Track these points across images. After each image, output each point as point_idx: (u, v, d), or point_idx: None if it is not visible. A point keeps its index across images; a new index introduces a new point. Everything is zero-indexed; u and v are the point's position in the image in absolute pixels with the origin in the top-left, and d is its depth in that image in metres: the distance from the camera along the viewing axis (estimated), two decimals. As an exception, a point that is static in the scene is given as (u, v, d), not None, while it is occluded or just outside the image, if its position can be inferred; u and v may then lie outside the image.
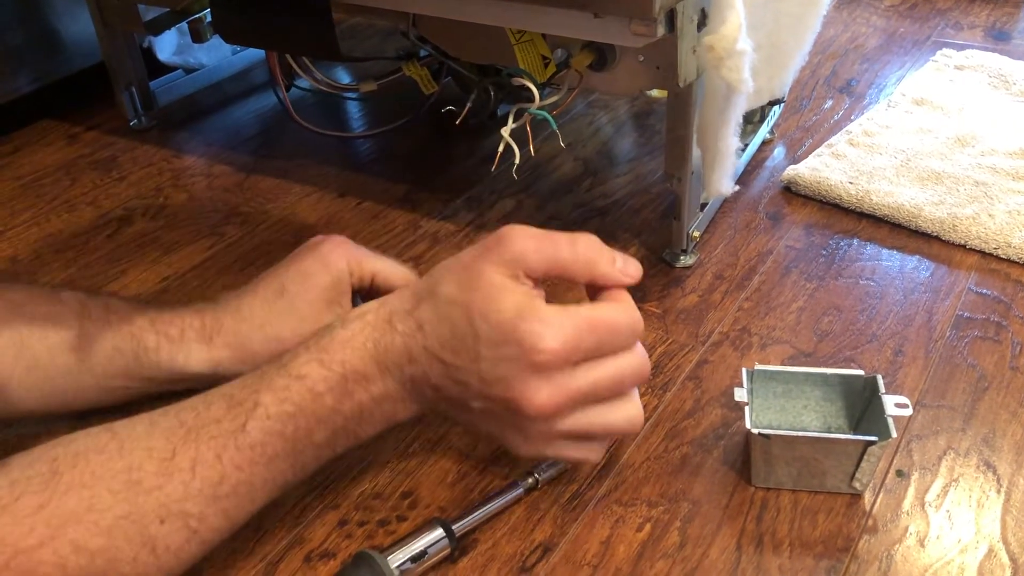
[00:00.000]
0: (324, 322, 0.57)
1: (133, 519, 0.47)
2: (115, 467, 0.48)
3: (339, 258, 0.63)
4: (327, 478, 0.61)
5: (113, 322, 0.63)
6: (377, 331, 0.53)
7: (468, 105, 0.79)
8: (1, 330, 0.61)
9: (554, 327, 0.50)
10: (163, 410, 0.52)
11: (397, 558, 0.53)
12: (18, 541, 0.45)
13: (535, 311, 0.51)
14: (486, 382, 0.52)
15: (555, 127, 0.69)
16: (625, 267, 0.55)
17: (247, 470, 0.50)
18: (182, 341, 0.62)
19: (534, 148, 0.99)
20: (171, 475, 0.48)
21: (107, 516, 0.47)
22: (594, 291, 0.56)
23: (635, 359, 0.54)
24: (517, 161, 0.73)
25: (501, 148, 0.72)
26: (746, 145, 0.92)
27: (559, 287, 0.73)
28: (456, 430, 0.64)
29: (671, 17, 0.63)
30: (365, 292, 0.65)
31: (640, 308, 0.75)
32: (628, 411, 0.54)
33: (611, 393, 0.53)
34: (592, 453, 0.56)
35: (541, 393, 0.51)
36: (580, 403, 0.53)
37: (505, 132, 0.71)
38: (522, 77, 0.72)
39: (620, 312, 0.53)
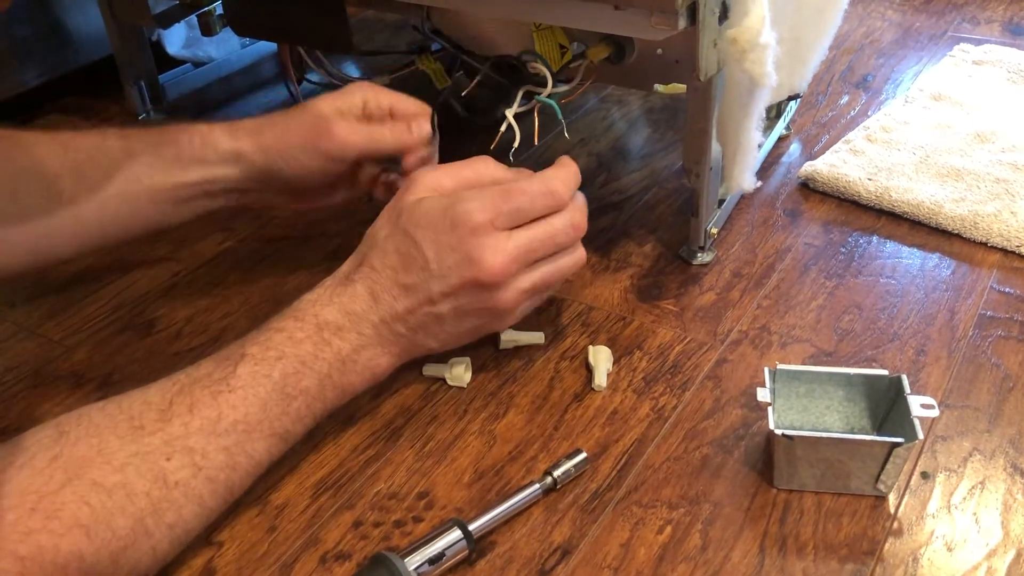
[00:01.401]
0: (330, 126, 0.68)
1: (142, 456, 0.51)
2: (117, 419, 0.52)
3: (355, 89, 0.71)
4: (342, 476, 0.60)
5: (153, 135, 0.70)
6: (338, 287, 0.60)
7: (474, 82, 0.77)
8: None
9: (475, 200, 0.59)
10: (154, 382, 0.56)
11: (414, 560, 0.52)
12: (41, 487, 0.48)
13: (454, 199, 0.60)
14: (443, 276, 0.59)
15: (560, 116, 0.68)
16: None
17: (242, 409, 0.54)
18: (211, 132, 0.70)
19: (546, 143, 0.98)
20: (170, 419, 0.52)
21: (118, 456, 0.50)
22: None
23: (563, 217, 0.61)
24: (516, 144, 0.72)
25: (503, 128, 0.71)
26: (764, 141, 0.91)
27: None
28: (472, 429, 0.64)
29: (693, 10, 0.62)
30: (385, 119, 0.71)
31: (657, 306, 0.74)
32: (573, 257, 0.63)
33: (550, 247, 0.61)
34: (563, 265, 0.63)
35: (490, 258, 0.58)
36: (527, 260, 0.60)
37: (509, 113, 0.70)
38: (536, 63, 0.70)
39: (529, 181, 0.61)
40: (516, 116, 0.71)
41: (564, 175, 0.63)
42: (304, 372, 0.57)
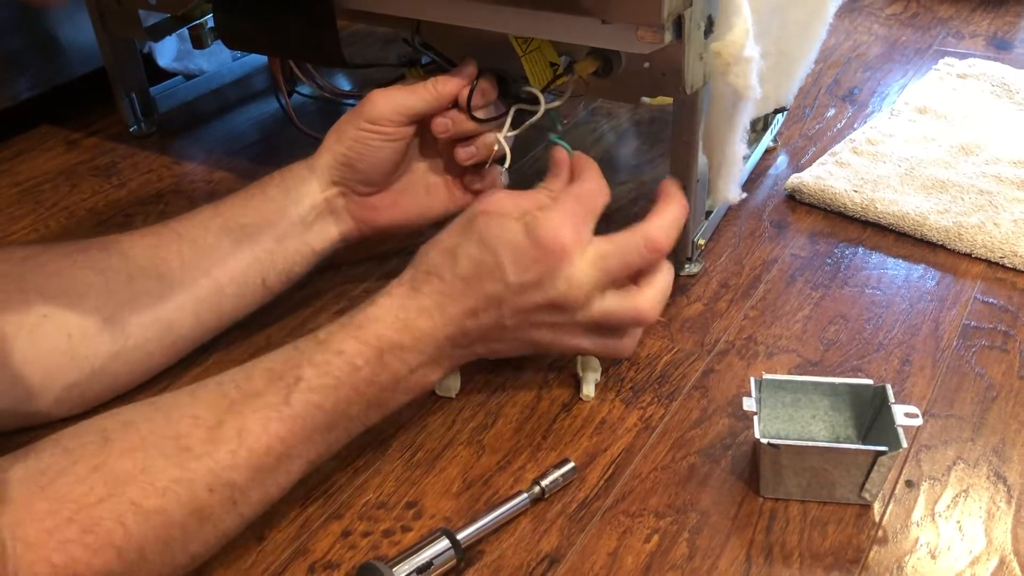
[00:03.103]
0: (370, 96, 0.69)
1: (184, 484, 0.49)
2: (164, 434, 0.51)
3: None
4: (330, 486, 0.60)
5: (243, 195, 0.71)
6: (404, 300, 0.58)
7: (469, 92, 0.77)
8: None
9: (561, 215, 0.59)
10: (202, 383, 0.55)
11: (403, 569, 0.53)
12: (80, 497, 0.47)
13: (540, 217, 0.58)
14: (520, 291, 0.58)
15: (569, 150, 0.68)
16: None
17: (288, 442, 0.53)
18: (289, 168, 0.72)
19: (535, 155, 0.99)
20: (219, 443, 0.51)
21: (161, 478, 0.49)
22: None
23: (641, 229, 0.61)
24: (507, 165, 0.72)
25: (496, 148, 0.71)
26: (750, 153, 0.92)
27: None
28: (461, 439, 0.64)
29: (679, 24, 0.63)
30: None
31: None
32: (645, 296, 0.61)
33: (626, 268, 0.61)
34: (625, 348, 0.63)
35: (575, 281, 0.58)
36: (602, 283, 0.60)
37: (500, 135, 0.71)
38: (529, 88, 0.71)
39: (586, 180, 0.63)
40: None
41: (593, 166, 0.64)
42: (355, 400, 0.56)
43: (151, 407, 0.53)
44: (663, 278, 0.63)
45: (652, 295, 0.62)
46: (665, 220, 0.63)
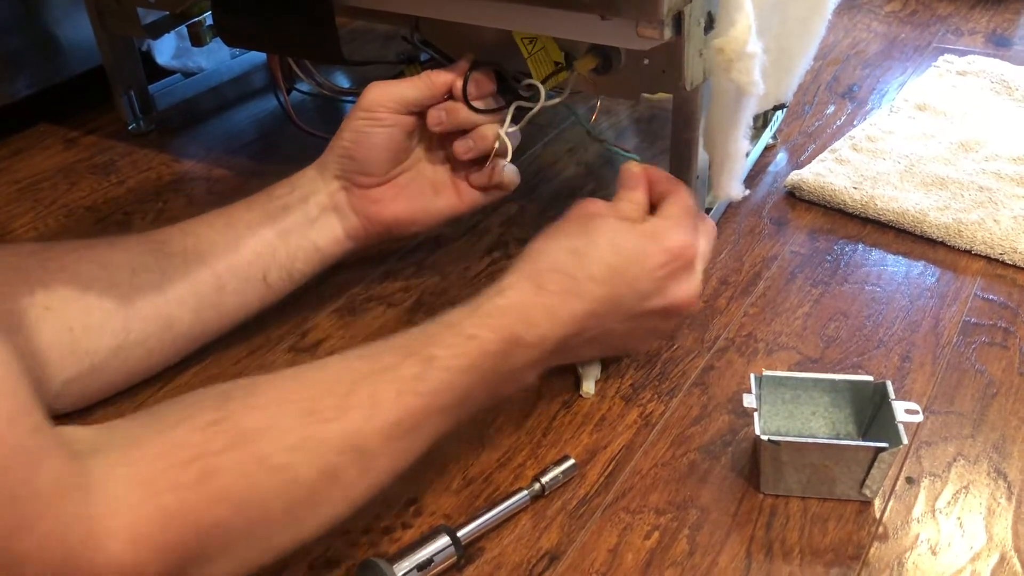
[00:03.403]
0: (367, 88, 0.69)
1: (314, 444, 0.47)
2: (291, 397, 0.49)
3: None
4: (330, 485, 0.60)
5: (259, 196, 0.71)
6: (532, 297, 0.58)
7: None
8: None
9: (688, 232, 0.62)
10: (319, 361, 0.54)
11: (403, 566, 0.52)
12: (200, 445, 0.44)
13: (670, 228, 0.62)
14: (645, 296, 0.61)
15: (588, 127, 0.70)
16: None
17: (418, 417, 0.52)
18: (303, 171, 0.73)
19: (535, 152, 0.99)
20: (350, 409, 0.49)
21: (289, 436, 0.47)
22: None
23: (706, 244, 0.65)
24: (507, 160, 0.72)
25: (497, 145, 0.71)
26: (750, 150, 0.92)
27: None
28: (461, 435, 0.64)
29: (678, 20, 0.63)
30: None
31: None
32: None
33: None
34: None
35: (694, 289, 0.63)
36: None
37: (501, 130, 0.71)
38: (531, 81, 0.71)
39: (709, 228, 0.66)
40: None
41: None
42: (480, 385, 0.55)
43: (273, 375, 0.51)
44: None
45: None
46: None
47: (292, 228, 0.70)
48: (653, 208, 0.65)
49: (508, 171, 0.74)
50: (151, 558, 0.42)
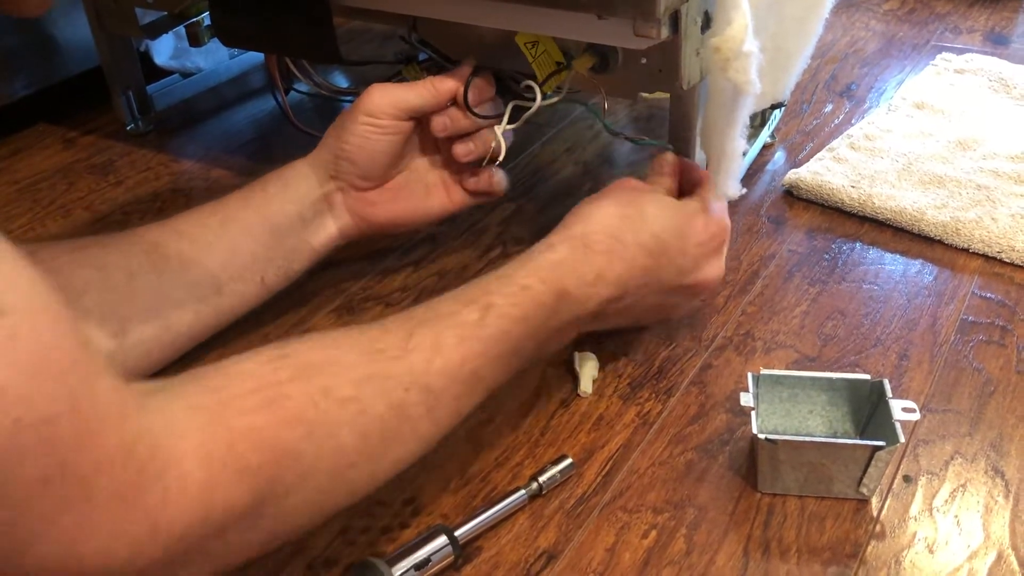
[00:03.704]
0: (369, 91, 0.69)
1: (380, 379, 0.48)
2: (355, 338, 0.50)
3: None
4: (328, 485, 0.60)
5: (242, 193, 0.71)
6: (581, 254, 0.59)
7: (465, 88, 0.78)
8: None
9: (722, 209, 0.67)
10: (378, 320, 0.54)
11: (401, 566, 0.53)
12: (266, 375, 0.44)
13: (713, 207, 0.66)
14: (683, 272, 0.64)
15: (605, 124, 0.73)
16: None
17: (479, 361, 0.52)
18: (290, 166, 0.72)
19: (533, 152, 0.99)
20: (412, 351, 0.50)
21: (355, 371, 0.47)
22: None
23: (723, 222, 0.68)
24: (501, 157, 0.72)
25: (493, 145, 0.71)
26: (747, 149, 0.92)
27: None
28: (458, 435, 0.64)
29: (675, 19, 0.63)
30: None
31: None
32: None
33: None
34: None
35: (720, 271, 0.66)
36: None
37: (499, 130, 0.71)
38: (531, 82, 0.71)
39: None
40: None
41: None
42: (531, 336, 0.56)
43: (332, 330, 0.52)
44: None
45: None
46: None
47: (288, 229, 0.70)
48: (681, 196, 0.69)
49: (498, 175, 0.75)
50: (226, 480, 0.40)
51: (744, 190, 0.82)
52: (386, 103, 0.69)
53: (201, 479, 0.39)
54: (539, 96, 0.70)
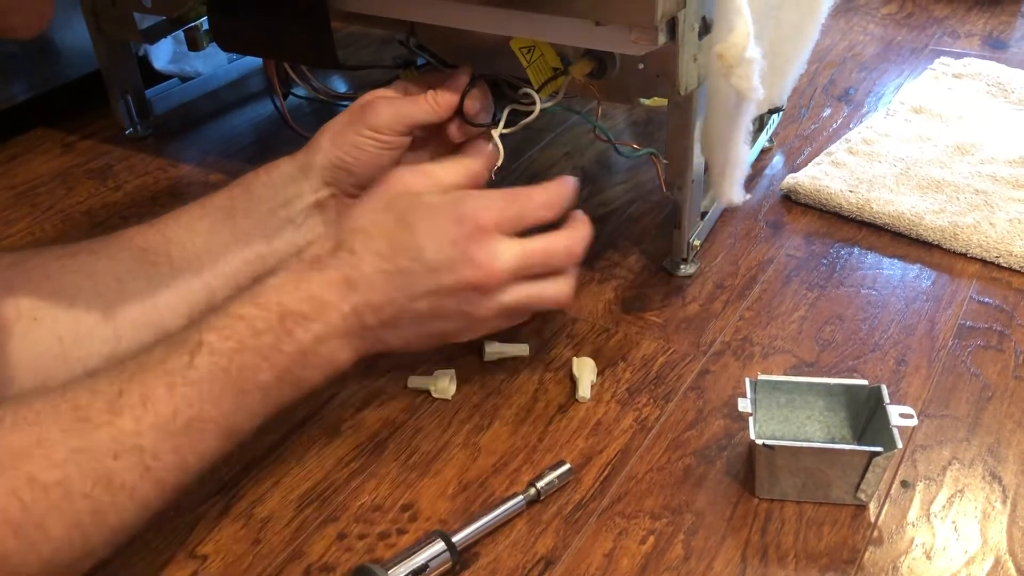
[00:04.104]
0: (371, 102, 0.67)
1: (85, 453, 0.47)
2: (60, 407, 0.48)
3: (398, 81, 0.73)
4: (326, 489, 0.60)
5: (226, 192, 0.69)
6: (307, 271, 0.57)
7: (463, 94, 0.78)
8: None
9: (484, 199, 0.59)
10: (101, 368, 0.53)
11: (398, 572, 0.53)
12: None
13: (461, 195, 0.60)
14: (435, 271, 0.57)
15: (608, 135, 0.71)
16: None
17: (196, 406, 0.51)
18: (274, 165, 0.70)
19: (531, 156, 0.99)
20: (121, 411, 0.48)
21: (59, 450, 0.46)
22: None
23: (563, 238, 0.61)
24: (500, 162, 0.72)
25: (489, 147, 0.71)
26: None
27: None
28: (456, 441, 0.64)
29: (672, 25, 0.63)
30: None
31: (641, 317, 0.75)
32: (558, 286, 0.62)
33: (544, 266, 0.60)
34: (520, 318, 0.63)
35: (489, 261, 0.57)
36: (520, 272, 0.59)
37: (495, 133, 0.71)
38: (528, 90, 0.71)
39: (534, 189, 0.62)
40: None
41: (565, 191, 0.64)
42: (262, 367, 0.54)
43: (46, 388, 0.50)
44: (573, 272, 0.64)
45: (568, 281, 0.63)
46: (583, 234, 0.63)
47: (278, 234, 0.69)
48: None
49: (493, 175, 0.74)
50: None
51: (747, 196, 0.82)
52: (391, 119, 0.69)
53: None
54: (538, 105, 0.70)
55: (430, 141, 0.72)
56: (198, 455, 0.52)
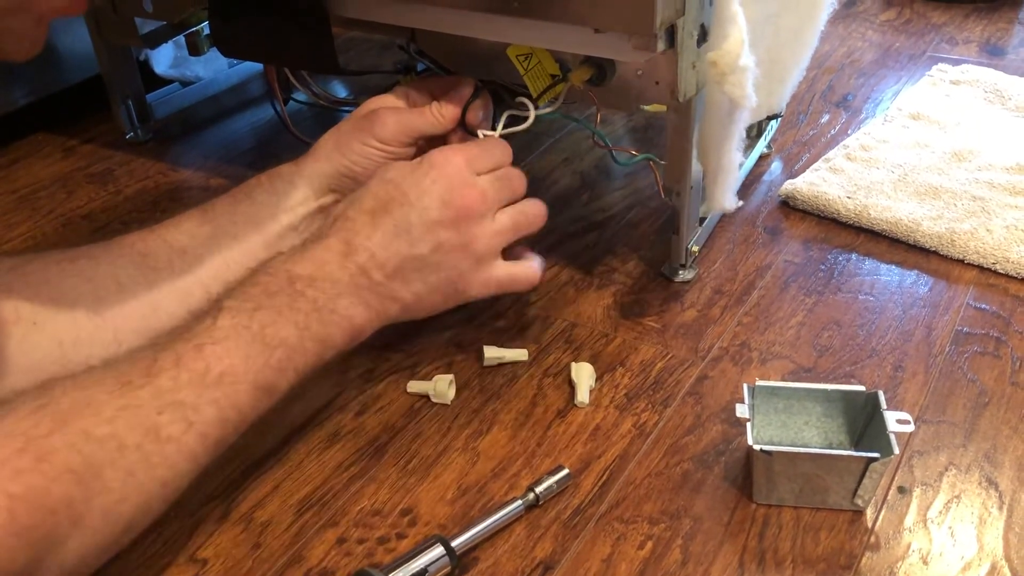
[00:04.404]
0: (378, 113, 0.70)
1: (131, 410, 0.50)
2: (104, 376, 0.51)
3: (399, 87, 0.76)
4: (326, 494, 0.61)
5: (228, 199, 0.72)
6: (310, 244, 0.62)
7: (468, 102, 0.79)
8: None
9: (455, 150, 0.66)
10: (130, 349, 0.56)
11: (397, 576, 0.53)
12: (28, 430, 0.47)
13: (434, 152, 0.65)
14: (425, 209, 0.62)
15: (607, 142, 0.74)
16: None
17: (225, 361, 0.54)
18: (276, 172, 0.72)
19: (529, 162, 0.99)
20: (158, 373, 0.52)
21: (107, 408, 0.49)
22: None
23: (515, 169, 0.68)
24: None
25: None
26: (744, 160, 0.92)
27: None
28: (455, 445, 0.64)
29: (671, 33, 0.63)
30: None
31: (639, 323, 0.75)
32: (534, 202, 0.69)
33: (510, 192, 0.67)
34: (532, 270, 0.69)
35: (468, 188, 0.64)
36: (497, 197, 0.66)
37: (494, 136, 0.71)
38: (524, 99, 0.72)
39: (488, 141, 0.69)
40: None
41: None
42: (281, 322, 0.57)
43: (87, 367, 0.54)
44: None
45: (535, 203, 0.70)
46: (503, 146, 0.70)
47: (279, 240, 0.70)
48: None
49: None
50: (4, 544, 0.43)
51: (741, 203, 0.82)
52: (398, 130, 0.70)
53: None
54: (532, 114, 0.71)
55: (431, 146, 0.73)
56: (236, 409, 0.54)
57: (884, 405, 0.59)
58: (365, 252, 0.61)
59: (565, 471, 0.60)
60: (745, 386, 0.61)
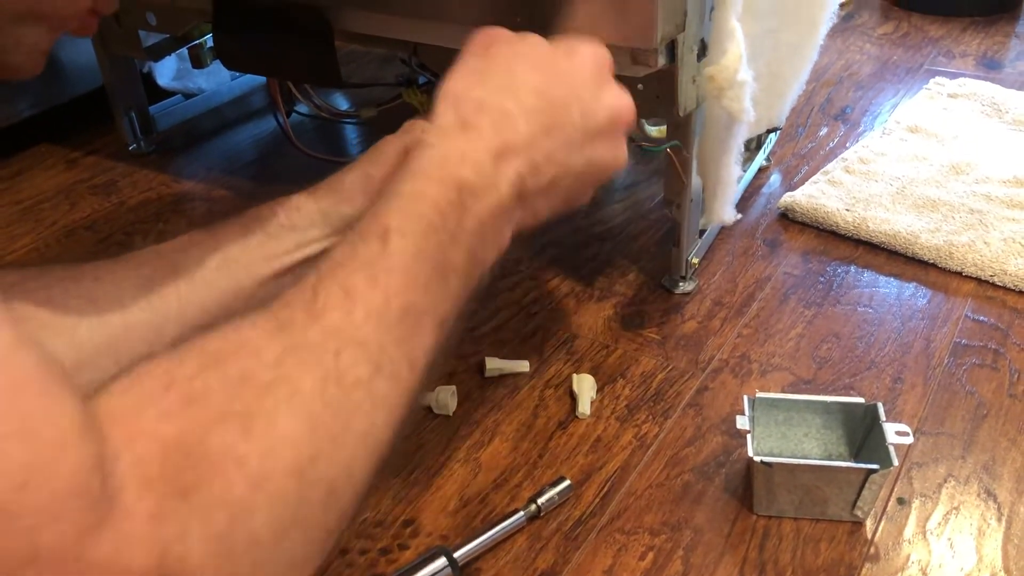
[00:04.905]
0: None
1: (301, 351, 0.39)
2: (257, 321, 0.41)
3: (411, 126, 0.64)
4: (328, 506, 0.61)
5: (239, 221, 0.65)
6: (468, 141, 0.51)
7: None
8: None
9: (588, 42, 0.57)
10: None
11: (400, 587, 0.53)
12: (172, 369, 0.37)
13: (573, 40, 0.56)
14: (589, 114, 0.54)
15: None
16: None
17: (404, 294, 0.44)
18: (292, 200, 0.63)
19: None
20: (323, 311, 0.41)
21: (269, 350, 0.39)
22: None
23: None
24: None
25: None
26: (743, 173, 0.93)
27: None
28: (457, 457, 0.64)
29: (672, 48, 0.64)
30: None
31: (640, 334, 0.76)
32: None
33: None
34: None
35: (624, 92, 0.56)
36: None
37: None
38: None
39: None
40: None
41: None
42: (453, 247, 0.48)
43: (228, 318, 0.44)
44: None
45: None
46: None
47: (289, 273, 0.67)
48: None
49: None
50: (163, 494, 0.34)
51: (739, 216, 0.83)
52: None
53: (146, 509, 0.33)
54: None
55: None
56: (424, 350, 0.45)
57: (883, 417, 0.60)
58: (526, 158, 0.52)
59: (566, 482, 0.61)
60: (745, 398, 0.62)
